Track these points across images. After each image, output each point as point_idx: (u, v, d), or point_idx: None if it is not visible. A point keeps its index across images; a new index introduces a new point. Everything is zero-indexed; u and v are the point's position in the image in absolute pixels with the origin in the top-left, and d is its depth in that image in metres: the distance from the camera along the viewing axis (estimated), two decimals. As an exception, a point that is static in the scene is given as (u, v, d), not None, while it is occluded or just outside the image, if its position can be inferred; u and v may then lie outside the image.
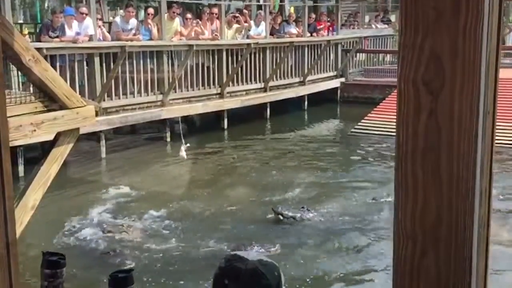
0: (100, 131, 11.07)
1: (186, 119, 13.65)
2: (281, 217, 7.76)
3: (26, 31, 14.52)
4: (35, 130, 3.34)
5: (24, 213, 3.55)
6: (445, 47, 1.33)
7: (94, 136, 11.33)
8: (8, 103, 3.08)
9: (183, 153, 9.11)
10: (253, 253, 1.63)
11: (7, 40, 2.85)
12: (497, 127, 1.49)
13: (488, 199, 1.43)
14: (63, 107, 3.48)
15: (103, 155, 11.28)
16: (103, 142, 11.23)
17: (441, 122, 1.35)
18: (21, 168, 9.56)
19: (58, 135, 3.65)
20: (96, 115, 10.63)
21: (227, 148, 13.05)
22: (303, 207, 8.04)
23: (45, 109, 3.45)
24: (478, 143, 1.33)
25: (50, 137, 3.73)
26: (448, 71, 1.33)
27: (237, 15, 14.78)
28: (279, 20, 16.06)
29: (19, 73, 5.28)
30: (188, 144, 9.48)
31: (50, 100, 3.45)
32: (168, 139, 12.58)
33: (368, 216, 8.05)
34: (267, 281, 1.57)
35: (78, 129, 3.72)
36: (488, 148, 1.38)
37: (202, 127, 14.28)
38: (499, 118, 1.53)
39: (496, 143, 1.53)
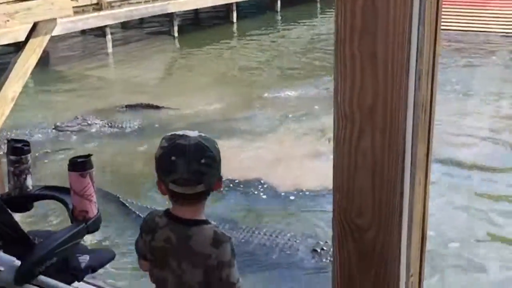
0: (106, 26, 10.97)
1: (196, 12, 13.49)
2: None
3: None
4: (8, 21, 3.33)
5: (4, 105, 3.63)
6: None
7: (100, 31, 11.27)
8: (-21, -8, 3.04)
9: None
10: (191, 131, 1.69)
11: None
12: (443, 12, 1.48)
13: (432, 80, 1.44)
14: (37, -3, 3.44)
15: (110, 50, 11.25)
16: (109, 37, 11.16)
17: (377, 3, 1.34)
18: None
19: (35, 25, 3.64)
20: (100, 9, 10.61)
21: (236, 41, 12.96)
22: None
23: (19, -1, 3.41)
24: (413, 25, 1.33)
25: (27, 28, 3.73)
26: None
27: None
28: None
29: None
30: None
31: (24, -10, 3.39)
32: (176, 34, 12.45)
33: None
34: (211, 153, 1.67)
35: (55, 20, 3.69)
36: (429, 33, 1.38)
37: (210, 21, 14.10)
38: (445, 3, 1.50)
39: (443, 29, 1.52)
